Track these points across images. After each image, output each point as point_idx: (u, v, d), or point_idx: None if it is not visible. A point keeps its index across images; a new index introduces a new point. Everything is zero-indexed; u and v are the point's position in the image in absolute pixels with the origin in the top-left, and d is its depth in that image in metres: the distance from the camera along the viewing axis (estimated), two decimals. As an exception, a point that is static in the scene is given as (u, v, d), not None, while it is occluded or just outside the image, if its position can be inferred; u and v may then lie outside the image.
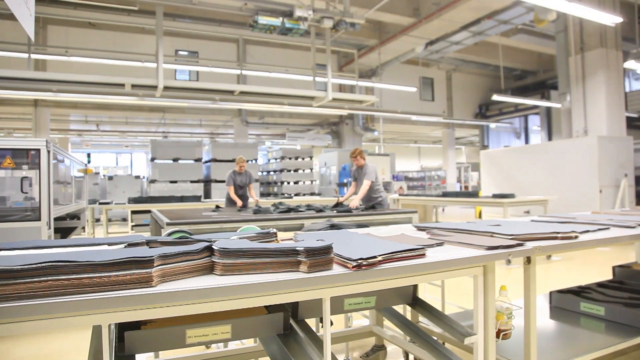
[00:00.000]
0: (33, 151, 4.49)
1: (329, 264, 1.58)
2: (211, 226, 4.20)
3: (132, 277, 1.29)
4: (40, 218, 4.38)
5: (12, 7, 3.74)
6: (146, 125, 20.40)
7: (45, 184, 4.44)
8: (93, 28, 14.29)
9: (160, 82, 10.54)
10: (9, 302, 1.19)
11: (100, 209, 9.80)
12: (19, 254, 1.44)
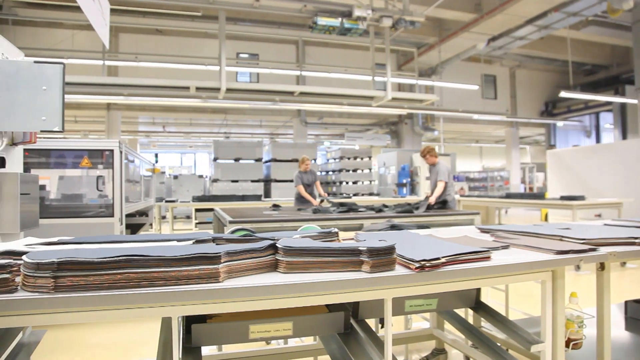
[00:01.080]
0: (107, 152, 4.79)
1: (392, 264, 1.57)
2: (272, 225, 4.28)
3: (200, 272, 1.35)
4: (114, 214, 4.66)
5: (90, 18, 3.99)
6: (209, 126, 21.09)
7: (118, 183, 4.72)
8: (160, 34, 14.95)
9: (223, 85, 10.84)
10: (89, 292, 1.28)
11: (167, 207, 10.24)
12: (97, 248, 1.54)
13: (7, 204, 2.64)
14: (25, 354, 2.19)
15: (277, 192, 12.18)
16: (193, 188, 15.18)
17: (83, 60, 12.23)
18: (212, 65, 12.48)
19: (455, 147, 27.64)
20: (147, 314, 1.39)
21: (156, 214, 9.48)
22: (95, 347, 3.74)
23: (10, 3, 12.00)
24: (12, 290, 1.27)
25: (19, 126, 2.51)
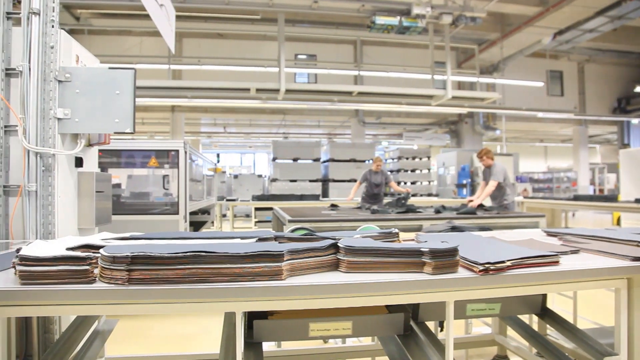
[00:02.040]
0: (173, 152, 5.00)
1: (454, 266, 1.54)
2: (330, 224, 4.30)
3: (264, 269, 1.39)
4: (179, 212, 4.86)
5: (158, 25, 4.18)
6: (268, 126, 21.49)
7: (182, 182, 4.91)
8: (221, 38, 15.39)
9: (282, 86, 10.99)
10: (160, 285, 1.35)
11: (227, 205, 10.53)
12: (166, 243, 1.61)
13: (84, 200, 2.82)
14: (100, 341, 2.33)
15: (335, 192, 12.22)
16: (252, 187, 15.51)
17: (150, 65, 12.82)
18: (271, 66, 12.71)
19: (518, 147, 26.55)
20: (213, 308, 1.44)
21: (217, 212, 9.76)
22: (160, 337, 3.92)
23: (86, 15, 12.79)
24: (91, 281, 1.36)
25: (95, 128, 2.67)
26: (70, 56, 2.76)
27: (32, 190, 2.49)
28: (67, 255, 1.36)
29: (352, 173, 12.17)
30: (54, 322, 2.60)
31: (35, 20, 2.53)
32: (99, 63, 3.23)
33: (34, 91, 2.50)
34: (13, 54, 2.62)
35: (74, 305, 1.41)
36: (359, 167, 12.29)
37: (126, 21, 13.25)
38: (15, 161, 2.59)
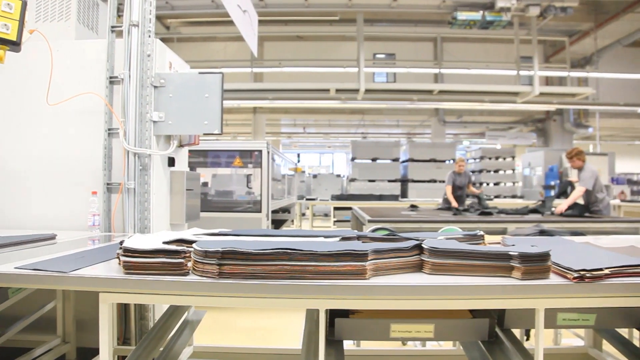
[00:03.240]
0: (256, 152, 5.19)
1: (546, 272, 1.46)
2: (410, 225, 4.25)
3: (348, 268, 1.41)
4: (261, 210, 5.03)
5: (241, 31, 4.35)
6: (347, 126, 21.57)
7: (265, 181, 5.08)
8: (300, 40, 15.67)
9: (361, 86, 10.99)
10: (247, 280, 1.41)
11: (307, 204, 10.70)
12: (254, 240, 1.68)
13: (175, 198, 3.00)
14: (190, 330, 2.46)
15: (414, 193, 12.03)
16: (331, 187, 15.64)
17: (233, 69, 13.36)
18: (350, 67, 12.75)
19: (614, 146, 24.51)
20: (297, 304, 1.49)
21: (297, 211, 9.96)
22: (243, 330, 4.07)
23: (175, 24, 13.58)
24: (185, 273, 1.46)
25: (186, 130, 2.84)
26: (164, 63, 2.96)
27: (131, 187, 2.70)
28: (165, 248, 1.47)
29: (432, 173, 11.91)
30: (149, 310, 2.80)
31: (135, 32, 2.74)
32: (189, 68, 3.42)
33: (133, 96, 2.71)
34: (116, 63, 2.84)
35: (169, 295, 1.52)
36: (439, 167, 12.01)
37: (211, 28, 13.88)
38: (116, 161, 2.81)
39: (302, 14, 12.65)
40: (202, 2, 11.44)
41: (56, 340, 2.73)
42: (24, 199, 2.96)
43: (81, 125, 2.89)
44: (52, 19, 3.07)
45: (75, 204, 2.88)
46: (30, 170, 2.95)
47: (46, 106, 2.84)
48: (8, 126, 2.98)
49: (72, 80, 2.88)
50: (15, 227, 2.93)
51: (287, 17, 12.92)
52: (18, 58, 2.60)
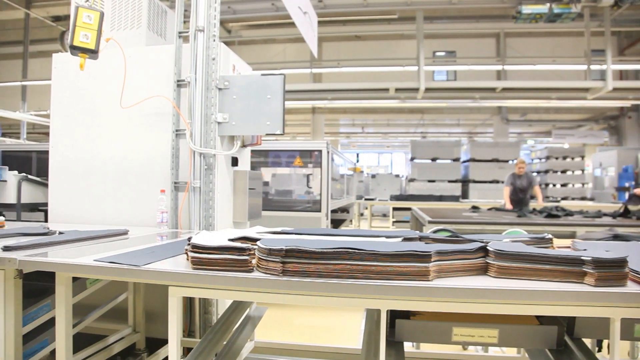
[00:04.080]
0: (316, 152, 5.24)
1: (622, 279, 1.38)
2: (472, 227, 4.14)
3: (411, 269, 1.39)
4: (321, 209, 5.07)
5: (302, 31, 4.40)
6: (406, 126, 21.31)
7: (325, 180, 5.12)
8: (359, 40, 15.64)
9: (421, 84, 10.82)
10: (309, 278, 1.43)
11: (365, 204, 10.67)
12: (316, 239, 1.70)
13: (238, 196, 3.09)
14: (251, 326, 2.53)
15: (475, 193, 11.70)
16: (390, 187, 15.52)
17: (292, 70, 13.53)
18: (409, 65, 12.59)
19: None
20: (358, 304, 1.49)
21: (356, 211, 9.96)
22: (300, 327, 4.13)
23: (236, 27, 13.95)
24: (249, 270, 1.50)
25: (249, 130, 2.92)
26: (228, 66, 3.05)
27: (197, 186, 2.81)
28: (231, 245, 1.52)
29: (494, 174, 11.53)
30: (212, 305, 2.90)
31: (200, 37, 2.85)
32: (251, 70, 3.51)
33: (199, 99, 2.82)
34: (183, 67, 2.97)
35: (234, 291, 1.57)
36: (501, 167, 11.62)
37: (271, 30, 14.14)
38: (183, 161, 2.94)
39: (360, 14, 12.62)
40: (262, 5, 11.69)
41: (127, 329, 2.89)
42: (100, 196, 3.15)
43: (151, 127, 3.05)
44: (124, 27, 3.24)
45: (145, 201, 3.04)
46: (105, 170, 3.14)
47: (119, 109, 3.01)
48: (87, 128, 3.19)
49: (143, 84, 3.04)
50: (91, 222, 3.13)
51: (345, 17, 12.94)
52: (95, 65, 2.78)
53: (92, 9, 2.52)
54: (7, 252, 1.85)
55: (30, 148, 6.44)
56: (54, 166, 3.26)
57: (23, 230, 2.42)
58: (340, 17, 12.92)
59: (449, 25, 14.12)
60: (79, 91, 3.21)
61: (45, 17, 12.25)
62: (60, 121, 3.26)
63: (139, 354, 2.93)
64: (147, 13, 3.23)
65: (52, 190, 3.26)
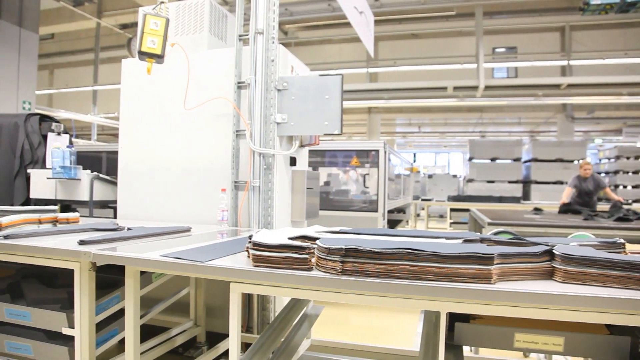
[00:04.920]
0: (373, 152, 5.22)
1: None
2: (534, 229, 4.00)
3: (472, 271, 1.36)
4: (377, 210, 5.04)
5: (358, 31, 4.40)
6: (464, 125, 20.79)
7: (382, 180, 5.09)
8: (415, 38, 15.40)
9: (481, 82, 10.54)
10: (368, 278, 1.43)
11: (422, 205, 10.51)
12: (375, 239, 1.70)
13: (296, 196, 3.14)
14: (308, 324, 2.56)
15: (537, 195, 11.24)
16: (447, 187, 15.22)
17: (348, 70, 13.53)
18: (468, 63, 12.27)
19: None
20: (417, 305, 1.48)
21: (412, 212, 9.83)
22: (356, 327, 4.12)
23: (293, 29, 14.12)
24: (309, 268, 1.52)
25: (308, 130, 2.95)
26: (286, 67, 3.10)
27: (256, 185, 2.87)
28: (291, 244, 1.55)
29: (558, 174, 11.03)
30: (270, 302, 2.96)
31: (260, 39, 2.91)
32: (309, 71, 3.55)
33: (259, 100, 2.88)
34: (243, 69, 3.05)
35: (293, 289, 1.60)
36: (566, 167, 11.10)
37: (327, 31, 14.21)
38: (243, 160, 3.01)
39: (417, 12, 12.44)
40: (319, 6, 11.77)
41: (189, 323, 3.00)
42: (164, 194, 3.30)
43: (212, 128, 3.15)
44: (187, 32, 3.37)
45: (206, 200, 3.14)
46: (169, 169, 3.28)
47: (183, 111, 3.13)
48: (152, 130, 3.34)
49: (205, 86, 3.15)
50: (155, 219, 3.28)
51: (402, 15, 12.80)
52: (161, 69, 2.91)
53: (159, 16, 2.64)
54: (83, 246, 1.97)
55: (100, 149, 6.82)
56: (122, 166, 3.44)
57: (95, 225, 2.57)
58: (397, 16, 12.79)
59: (510, 20, 13.63)
60: (146, 94, 3.37)
61: (113, 25, 12.93)
62: (128, 123, 3.44)
63: (200, 347, 3.04)
64: (209, 18, 3.34)
65: (121, 189, 3.45)
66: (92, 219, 3.18)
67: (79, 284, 2.02)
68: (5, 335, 2.29)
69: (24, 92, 8.88)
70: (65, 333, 2.11)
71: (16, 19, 8.78)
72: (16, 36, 8.75)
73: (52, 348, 2.18)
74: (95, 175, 3.59)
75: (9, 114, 4.45)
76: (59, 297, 2.36)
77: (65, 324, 2.12)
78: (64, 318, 2.12)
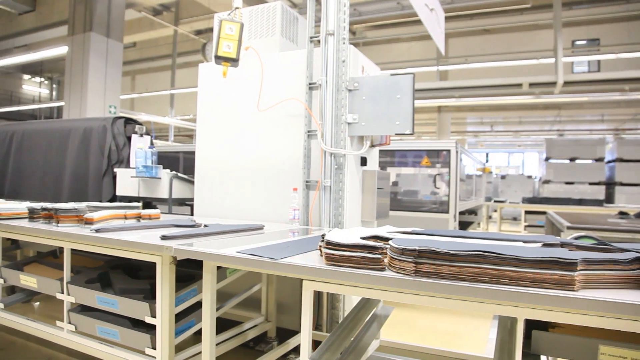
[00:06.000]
0: (444, 152, 5.11)
1: None
2: (620, 235, 3.73)
3: (553, 277, 1.30)
4: (448, 211, 4.93)
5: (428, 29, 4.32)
6: (539, 123, 19.84)
7: (453, 181, 4.97)
8: (487, 34, 14.88)
9: (559, 78, 10.01)
10: (442, 280, 1.41)
11: (494, 207, 10.14)
12: (448, 241, 1.67)
13: (367, 196, 3.14)
14: (378, 324, 2.55)
15: (622, 198, 10.49)
16: (521, 189, 14.58)
17: (418, 68, 13.31)
18: (545, 58, 11.67)
19: None
20: (493, 310, 1.43)
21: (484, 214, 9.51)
22: (425, 329, 4.04)
23: (361, 28, 14.11)
24: (381, 268, 1.52)
25: (378, 130, 2.95)
26: (357, 67, 3.11)
27: (327, 185, 2.90)
28: (364, 244, 1.55)
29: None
30: (339, 301, 2.98)
31: (331, 40, 2.94)
32: (379, 71, 3.53)
33: (330, 100, 2.91)
34: (314, 70, 3.09)
35: (366, 288, 1.60)
36: (656, 168, 10.28)
37: (395, 30, 14.06)
38: (314, 160, 3.05)
39: (489, 6, 12.00)
40: (388, 5, 11.67)
41: (260, 318, 3.09)
42: (237, 193, 3.41)
43: (284, 129, 3.22)
44: (260, 35, 3.47)
45: (277, 198, 3.22)
46: (242, 169, 3.39)
47: (256, 112, 3.23)
48: (227, 131, 3.47)
49: (277, 88, 3.23)
50: (229, 216, 3.41)
51: (473, 10, 12.41)
52: (235, 72, 3.01)
53: (234, 21, 2.74)
54: (165, 241, 2.09)
55: (177, 149, 7.16)
56: (199, 165, 3.60)
57: (175, 222, 2.72)
58: (468, 11, 12.41)
59: (592, 11, 12.80)
60: (221, 97, 3.51)
61: (189, 31, 13.55)
62: (204, 125, 3.60)
63: (270, 342, 3.12)
64: (281, 21, 3.41)
65: (198, 187, 3.61)
66: (171, 216, 3.36)
67: (160, 276, 2.14)
68: (96, 320, 2.47)
69: (110, 97, 9.57)
70: (147, 321, 2.24)
71: (104, 31, 9.48)
72: (104, 46, 9.46)
73: (136, 335, 2.32)
74: (174, 174, 3.78)
75: (99, 117, 4.79)
76: (142, 287, 2.52)
77: (148, 313, 2.25)
78: (147, 308, 2.25)
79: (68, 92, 9.65)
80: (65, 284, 2.59)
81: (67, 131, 4.58)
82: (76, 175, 4.42)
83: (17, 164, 5.00)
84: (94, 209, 2.75)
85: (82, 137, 4.43)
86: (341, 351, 2.12)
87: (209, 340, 2.11)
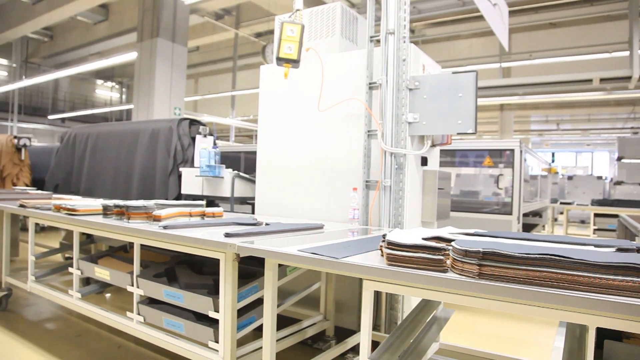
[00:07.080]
0: (507, 151, 4.94)
1: None
2: None
3: (630, 284, 1.23)
4: (512, 212, 4.76)
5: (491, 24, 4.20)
6: (611, 121, 18.76)
7: (517, 182, 4.79)
8: (554, 27, 14.21)
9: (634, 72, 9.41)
10: (507, 283, 1.36)
11: (561, 209, 9.69)
12: (514, 243, 1.62)
13: (427, 196, 3.10)
14: (438, 327, 2.51)
15: None
16: (589, 190, 13.83)
17: (479, 66, 12.93)
18: (618, 51, 11.00)
19: None
20: (561, 316, 1.37)
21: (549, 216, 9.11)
22: (485, 334, 3.93)
23: (420, 26, 13.88)
24: (444, 270, 1.50)
25: (440, 130, 2.90)
26: (418, 66, 3.08)
27: (387, 185, 2.89)
28: (426, 244, 1.53)
29: None
30: (398, 302, 2.96)
31: (391, 39, 2.92)
32: (440, 69, 3.47)
33: (390, 100, 2.89)
34: (374, 70, 3.08)
35: (427, 290, 1.58)
36: None
37: (455, 27, 13.72)
38: (374, 160, 3.05)
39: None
40: (447, 2, 11.42)
41: (319, 316, 3.11)
42: (298, 192, 3.46)
43: (344, 129, 3.23)
44: (320, 36, 3.50)
45: (336, 198, 3.24)
46: (303, 168, 3.44)
47: (316, 112, 3.26)
48: (288, 131, 3.53)
49: (337, 88, 3.24)
50: (289, 215, 3.46)
51: (538, 3, 11.90)
52: (296, 73, 3.06)
53: (295, 23, 2.78)
54: (228, 238, 2.16)
55: (239, 149, 7.35)
56: (260, 165, 3.68)
57: (237, 220, 2.80)
58: (532, 5, 11.92)
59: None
60: (281, 97, 3.57)
61: (249, 34, 13.87)
62: (266, 125, 3.67)
63: (328, 341, 3.14)
64: (340, 21, 3.43)
65: (259, 186, 3.69)
66: (233, 214, 3.45)
67: (224, 272, 2.21)
68: (163, 313, 2.59)
69: (175, 99, 10.00)
70: (211, 316, 2.32)
71: (170, 36, 9.92)
72: (170, 51, 9.90)
73: (200, 328, 2.41)
74: (236, 174, 3.88)
75: (165, 119, 5.01)
76: (206, 283, 2.61)
77: (211, 307, 2.33)
78: (210, 302, 2.33)
79: (137, 95, 10.18)
80: (135, 278, 2.74)
81: (136, 132, 4.82)
82: (144, 174, 4.65)
83: (92, 163, 5.33)
84: (161, 206, 2.88)
85: (150, 138, 4.65)
86: (400, 353, 2.10)
87: (269, 336, 2.15)
